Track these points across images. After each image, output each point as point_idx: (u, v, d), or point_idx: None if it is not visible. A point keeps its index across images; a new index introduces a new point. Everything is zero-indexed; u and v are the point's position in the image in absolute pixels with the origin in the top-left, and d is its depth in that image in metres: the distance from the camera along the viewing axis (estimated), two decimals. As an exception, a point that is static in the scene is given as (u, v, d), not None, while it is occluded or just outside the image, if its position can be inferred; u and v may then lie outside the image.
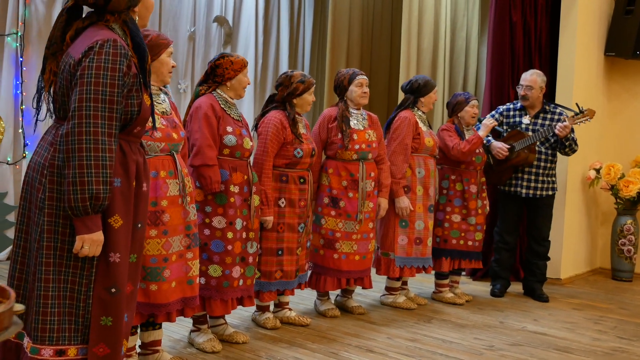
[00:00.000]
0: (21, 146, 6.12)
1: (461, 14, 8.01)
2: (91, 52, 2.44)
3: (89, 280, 2.52)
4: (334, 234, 4.76)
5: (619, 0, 6.84)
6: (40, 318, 2.48)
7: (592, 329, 4.90)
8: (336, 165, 4.77)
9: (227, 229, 3.92)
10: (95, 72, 2.43)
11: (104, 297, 2.54)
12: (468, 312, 5.18)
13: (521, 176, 5.68)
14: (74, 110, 2.41)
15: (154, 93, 3.44)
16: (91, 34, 2.52)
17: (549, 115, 5.67)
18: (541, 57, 6.64)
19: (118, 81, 2.47)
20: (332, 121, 4.79)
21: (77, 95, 2.42)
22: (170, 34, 7.02)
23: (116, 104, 2.47)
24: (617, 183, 6.71)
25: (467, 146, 5.25)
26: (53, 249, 2.49)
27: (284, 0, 8.27)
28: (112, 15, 2.60)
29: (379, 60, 8.59)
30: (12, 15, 6.04)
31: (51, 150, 2.54)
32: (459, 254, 5.43)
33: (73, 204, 2.40)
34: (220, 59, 4.04)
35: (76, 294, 2.52)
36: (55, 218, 2.49)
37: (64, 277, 2.51)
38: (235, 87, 4.04)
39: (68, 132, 2.42)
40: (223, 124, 3.92)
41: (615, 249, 6.83)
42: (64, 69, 2.54)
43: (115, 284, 2.56)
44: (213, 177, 3.83)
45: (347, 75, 4.85)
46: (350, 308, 5.00)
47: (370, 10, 8.50)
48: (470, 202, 5.39)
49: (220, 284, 3.93)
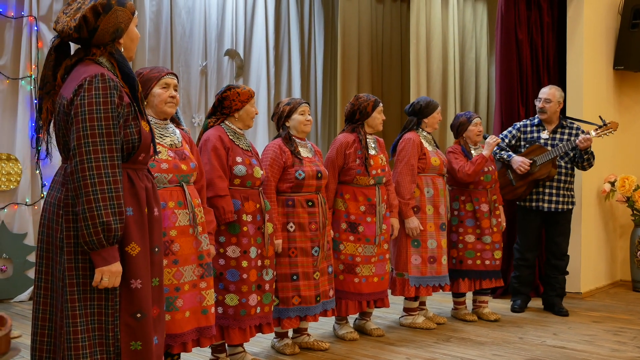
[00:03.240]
0: (39, 187, 6.29)
1: (469, 35, 8.11)
2: (81, 90, 2.52)
3: (115, 310, 2.60)
4: (354, 259, 4.81)
5: (625, 14, 6.89)
6: (72, 354, 2.54)
7: (612, 340, 4.89)
8: (353, 190, 4.83)
9: (241, 258, 3.99)
10: (88, 108, 2.51)
11: (131, 323, 2.62)
12: (487, 330, 5.19)
13: (542, 190, 5.71)
14: (74, 149, 2.50)
15: (160, 125, 3.53)
16: (80, 71, 2.61)
17: (566, 130, 5.73)
18: (549, 74, 6.70)
19: (112, 113, 2.55)
20: (349, 147, 4.84)
21: (74, 133, 2.50)
22: (182, 69, 7.17)
23: (114, 136, 2.54)
24: (632, 195, 6.72)
25: (471, 168, 5.31)
26: (76, 285, 2.56)
27: (294, 31, 8.40)
28: (98, 49, 2.68)
29: (389, 85, 8.69)
30: (25, 59, 6.24)
31: (63, 190, 2.62)
32: (477, 274, 5.44)
33: (87, 238, 2.48)
34: (227, 91, 4.12)
35: (104, 325, 2.59)
36: (74, 255, 2.56)
37: (90, 311, 2.58)
38: (243, 118, 4.13)
39: (72, 170, 2.51)
40: (232, 154, 4.00)
41: (635, 261, 6.81)
42: (59, 110, 2.62)
43: (140, 309, 2.64)
44: (226, 207, 3.90)
45: (370, 102, 4.90)
46: (369, 331, 5.03)
47: (379, 37, 8.61)
48: (483, 221, 5.42)
49: (238, 312, 3.99)
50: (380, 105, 4.94)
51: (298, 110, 4.55)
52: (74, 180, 2.50)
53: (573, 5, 6.54)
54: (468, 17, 8.14)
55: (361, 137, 4.84)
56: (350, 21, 8.10)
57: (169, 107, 3.52)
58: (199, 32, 7.37)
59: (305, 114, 4.56)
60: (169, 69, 4.19)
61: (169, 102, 3.51)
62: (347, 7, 8.07)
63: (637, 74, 7.10)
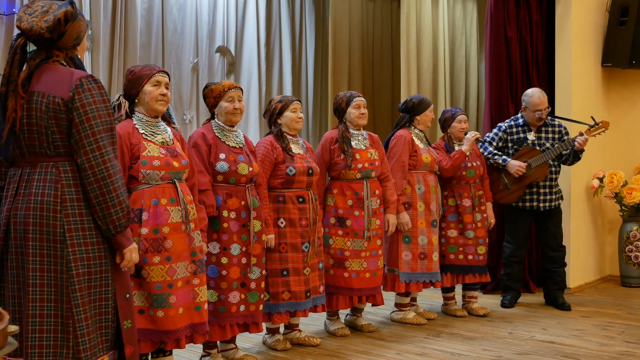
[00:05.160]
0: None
1: (459, 32, 8.15)
2: (80, 90, 2.69)
3: (112, 294, 2.82)
4: (342, 253, 4.84)
5: (613, 12, 6.94)
6: (79, 340, 2.68)
7: (600, 335, 4.95)
8: (340, 185, 4.87)
9: (221, 254, 4.02)
10: (95, 106, 2.70)
11: (123, 304, 2.86)
12: (477, 325, 5.24)
13: (536, 190, 5.76)
14: (90, 144, 2.68)
15: (151, 123, 3.60)
16: (61, 71, 2.75)
17: (550, 128, 5.79)
18: (538, 71, 6.75)
19: (110, 109, 2.76)
20: (334, 143, 4.90)
21: (88, 130, 2.68)
22: (173, 65, 7.17)
23: (114, 130, 2.77)
24: (620, 191, 6.78)
25: (449, 163, 5.38)
26: (82, 275, 2.71)
27: (285, 28, 8.42)
28: (61, 52, 2.82)
29: (380, 82, 8.72)
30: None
31: (58, 187, 2.70)
32: (459, 268, 5.49)
33: (117, 222, 2.74)
34: (205, 89, 4.22)
35: (104, 308, 2.80)
36: (78, 247, 2.71)
37: (94, 297, 2.76)
38: (221, 114, 4.17)
39: (92, 164, 2.68)
40: (215, 150, 4.04)
41: (623, 256, 6.87)
42: (47, 109, 2.70)
43: (128, 290, 2.91)
44: (207, 201, 3.93)
45: (344, 98, 4.97)
46: (360, 326, 5.07)
47: (370, 35, 8.64)
48: (465, 216, 5.47)
49: (217, 309, 4.01)
50: (355, 100, 4.95)
51: (290, 107, 4.59)
52: (94, 173, 2.68)
53: (561, 3, 6.58)
54: (458, 15, 8.18)
55: (340, 133, 4.89)
56: (341, 18, 8.12)
57: (160, 104, 3.57)
58: (190, 29, 7.37)
59: (297, 112, 4.59)
60: (160, 66, 4.22)
61: (160, 99, 3.57)
62: (337, 5, 8.09)
63: (625, 70, 7.16)
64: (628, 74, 7.23)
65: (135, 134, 3.50)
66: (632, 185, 6.75)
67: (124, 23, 6.61)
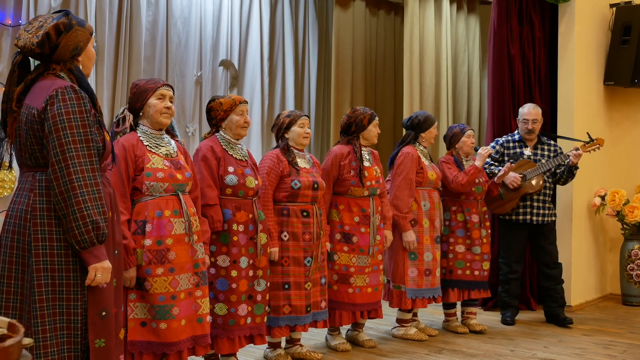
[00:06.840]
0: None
1: (462, 49, 8.18)
2: (54, 100, 2.66)
3: (83, 309, 2.71)
4: (347, 269, 4.84)
5: (615, 30, 6.97)
6: (41, 352, 2.62)
7: (602, 353, 4.94)
8: (347, 201, 4.87)
9: (231, 268, 4.02)
10: (65, 117, 2.64)
11: (96, 321, 2.74)
12: (479, 342, 5.23)
13: (530, 204, 5.79)
14: (56, 155, 2.62)
15: (155, 136, 3.62)
16: (46, 83, 2.74)
17: (546, 146, 5.90)
18: (541, 89, 6.77)
19: (87, 121, 2.69)
20: (344, 158, 4.89)
21: (55, 141, 2.62)
22: (177, 78, 7.19)
23: (92, 142, 2.69)
24: (622, 209, 6.78)
25: (465, 178, 5.37)
26: (44, 286, 2.65)
27: (289, 43, 8.44)
28: (58, 65, 2.81)
29: (383, 98, 8.74)
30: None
31: (31, 196, 2.71)
32: (465, 284, 5.49)
33: (79, 237, 2.62)
34: (211, 102, 4.20)
35: (72, 323, 2.70)
36: (42, 257, 2.66)
37: (58, 310, 2.68)
38: (230, 127, 4.17)
39: (57, 176, 2.62)
40: (224, 164, 4.04)
41: (624, 274, 6.87)
42: (26, 120, 2.72)
43: (105, 307, 2.77)
44: (215, 216, 3.94)
45: (367, 115, 4.96)
46: (361, 342, 5.05)
47: (373, 49, 8.66)
48: (473, 231, 5.48)
49: (227, 322, 4.01)
50: (376, 119, 4.99)
51: (298, 122, 4.60)
52: (59, 185, 2.61)
53: (564, 21, 6.61)
54: (461, 31, 8.21)
55: (356, 149, 4.88)
56: (344, 33, 8.14)
57: (164, 117, 3.60)
58: (194, 42, 7.40)
59: (304, 127, 4.60)
60: (164, 80, 4.24)
61: (165, 112, 3.60)
62: (341, 19, 8.12)
63: (627, 89, 7.18)
64: (630, 92, 7.25)
65: (139, 146, 3.53)
66: (633, 203, 6.75)
67: (129, 36, 6.64)
